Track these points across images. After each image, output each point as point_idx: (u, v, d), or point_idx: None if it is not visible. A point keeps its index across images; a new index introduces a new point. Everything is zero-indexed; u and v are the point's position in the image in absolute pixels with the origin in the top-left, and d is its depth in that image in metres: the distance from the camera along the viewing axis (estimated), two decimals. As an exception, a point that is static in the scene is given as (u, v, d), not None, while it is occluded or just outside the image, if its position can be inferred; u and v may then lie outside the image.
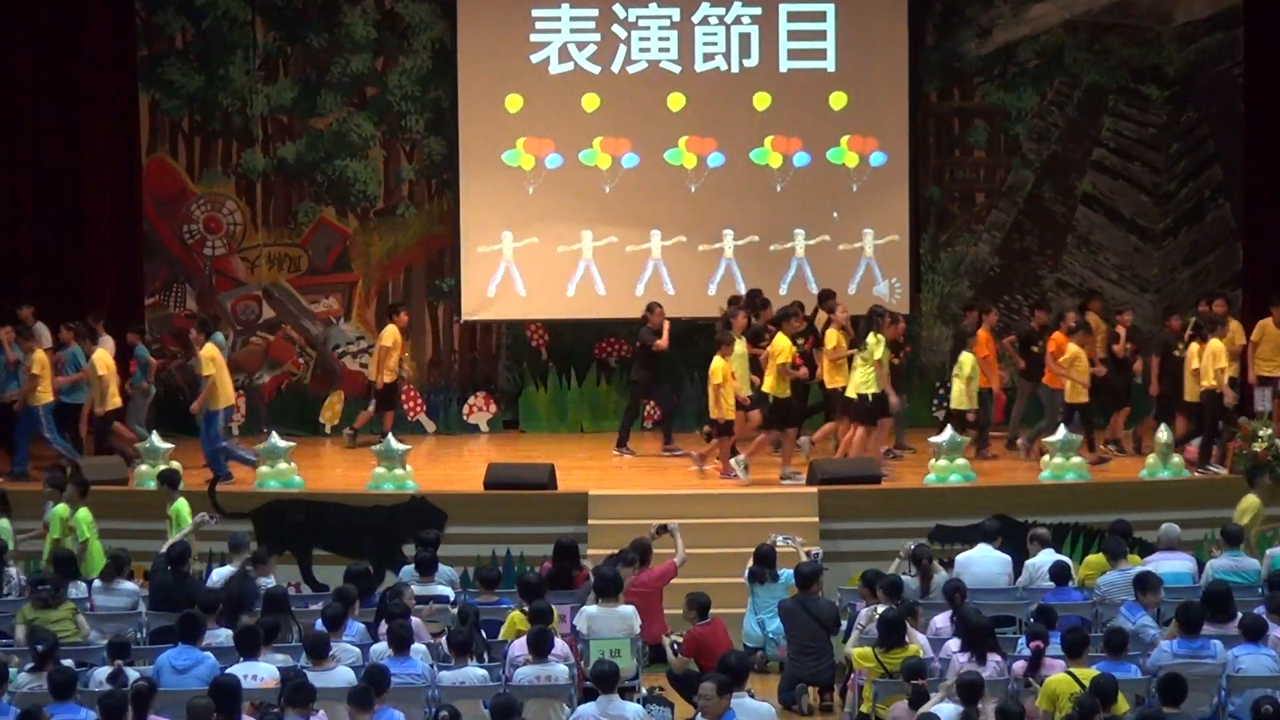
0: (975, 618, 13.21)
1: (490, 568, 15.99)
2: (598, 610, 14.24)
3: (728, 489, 18.49)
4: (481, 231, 22.18)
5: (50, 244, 22.43)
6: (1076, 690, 11.96)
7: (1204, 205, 22.77)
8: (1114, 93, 22.62)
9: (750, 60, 22.07)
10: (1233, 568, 15.28)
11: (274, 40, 22.32)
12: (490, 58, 22.02)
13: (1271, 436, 18.09)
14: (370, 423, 21.14)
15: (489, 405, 22.60)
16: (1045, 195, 22.72)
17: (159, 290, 22.47)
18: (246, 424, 22.25)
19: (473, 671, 12.89)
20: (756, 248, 22.25)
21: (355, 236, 22.57)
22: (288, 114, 22.38)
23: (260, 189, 22.50)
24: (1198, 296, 22.04)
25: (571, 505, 17.79)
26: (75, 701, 11.85)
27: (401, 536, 17.51)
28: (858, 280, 22.26)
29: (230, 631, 13.47)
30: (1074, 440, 18.50)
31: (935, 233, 22.73)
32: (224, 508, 17.55)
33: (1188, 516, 17.16)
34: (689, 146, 22.17)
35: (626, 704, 12.18)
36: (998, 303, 22.49)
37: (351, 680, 12.26)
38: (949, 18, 22.52)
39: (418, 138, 22.47)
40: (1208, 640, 12.99)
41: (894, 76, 22.11)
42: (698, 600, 14.62)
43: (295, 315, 22.63)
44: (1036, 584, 15.15)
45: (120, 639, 13.05)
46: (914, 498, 18.03)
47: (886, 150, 22.19)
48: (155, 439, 18.73)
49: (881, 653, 13.19)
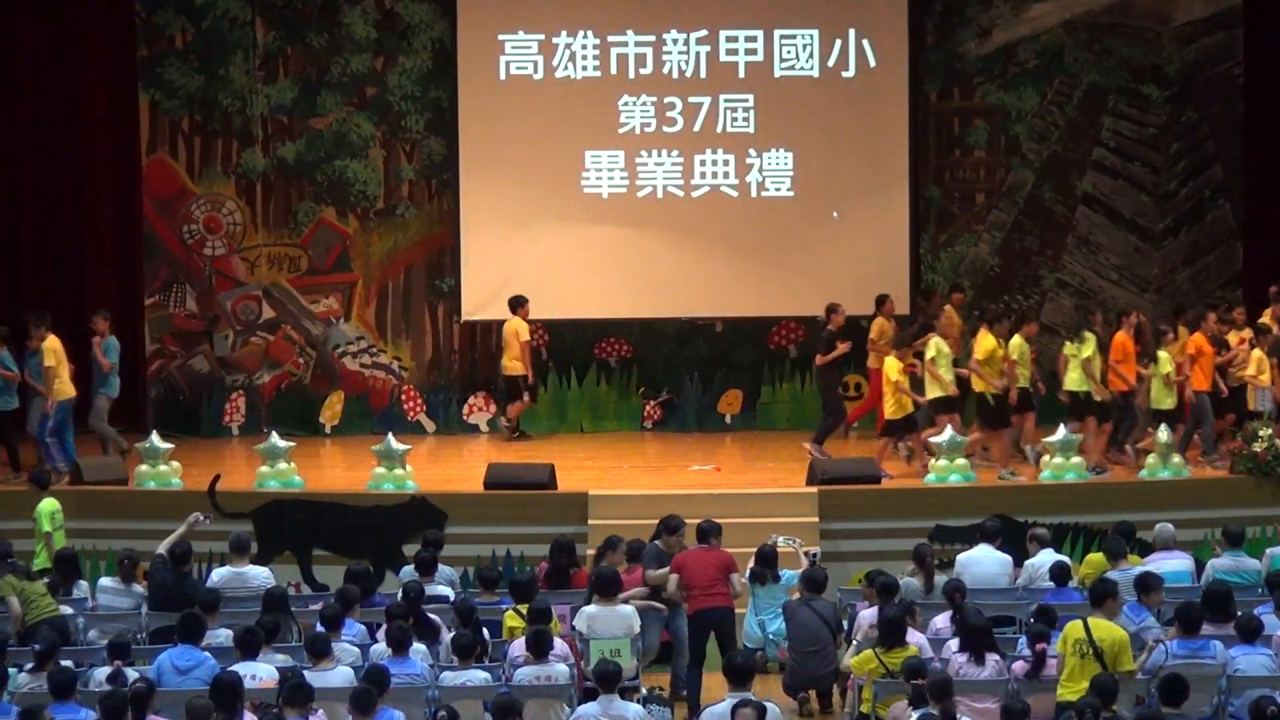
0: (975, 618, 13.23)
1: (490, 568, 16.00)
2: (598, 610, 14.25)
3: (727, 489, 18.49)
4: (481, 231, 22.19)
5: (50, 244, 22.45)
6: (1082, 636, 12.32)
7: (1204, 205, 22.77)
8: (1114, 93, 22.62)
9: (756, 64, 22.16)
10: (1234, 568, 15.30)
11: (274, 40, 22.33)
12: (490, 58, 22.04)
13: (1271, 436, 18.09)
14: (511, 410, 21.38)
15: (489, 405, 22.61)
16: (1045, 195, 22.72)
17: (159, 290, 22.46)
18: (246, 424, 22.25)
19: (475, 673, 12.89)
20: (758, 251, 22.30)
21: (355, 236, 22.57)
22: (288, 114, 22.39)
23: (260, 189, 22.50)
24: (1198, 296, 22.09)
25: (571, 505, 17.79)
26: (75, 701, 11.86)
27: (401, 536, 17.52)
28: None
29: (230, 632, 13.49)
30: (1074, 440, 18.50)
31: (935, 233, 22.74)
32: (224, 508, 17.58)
33: (1187, 516, 17.19)
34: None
35: (627, 704, 12.21)
36: (998, 303, 22.52)
37: (351, 680, 12.27)
38: (949, 18, 22.52)
39: (418, 138, 22.47)
40: (1208, 640, 12.99)
41: (894, 77, 22.13)
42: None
43: (295, 315, 22.63)
44: (1036, 584, 15.16)
45: (120, 640, 13.05)
46: (914, 498, 18.02)
47: (886, 150, 22.20)
48: (155, 439, 18.72)
49: (883, 652, 13.20)
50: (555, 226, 22.27)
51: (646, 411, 22.58)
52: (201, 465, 19.09)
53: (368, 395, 22.63)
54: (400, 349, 22.65)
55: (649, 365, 22.68)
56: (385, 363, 22.65)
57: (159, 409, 22.23)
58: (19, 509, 17.36)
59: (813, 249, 22.33)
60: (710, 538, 15.16)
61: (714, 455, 20.60)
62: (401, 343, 22.65)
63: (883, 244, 22.29)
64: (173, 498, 17.93)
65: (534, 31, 22.17)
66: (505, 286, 22.09)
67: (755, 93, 22.21)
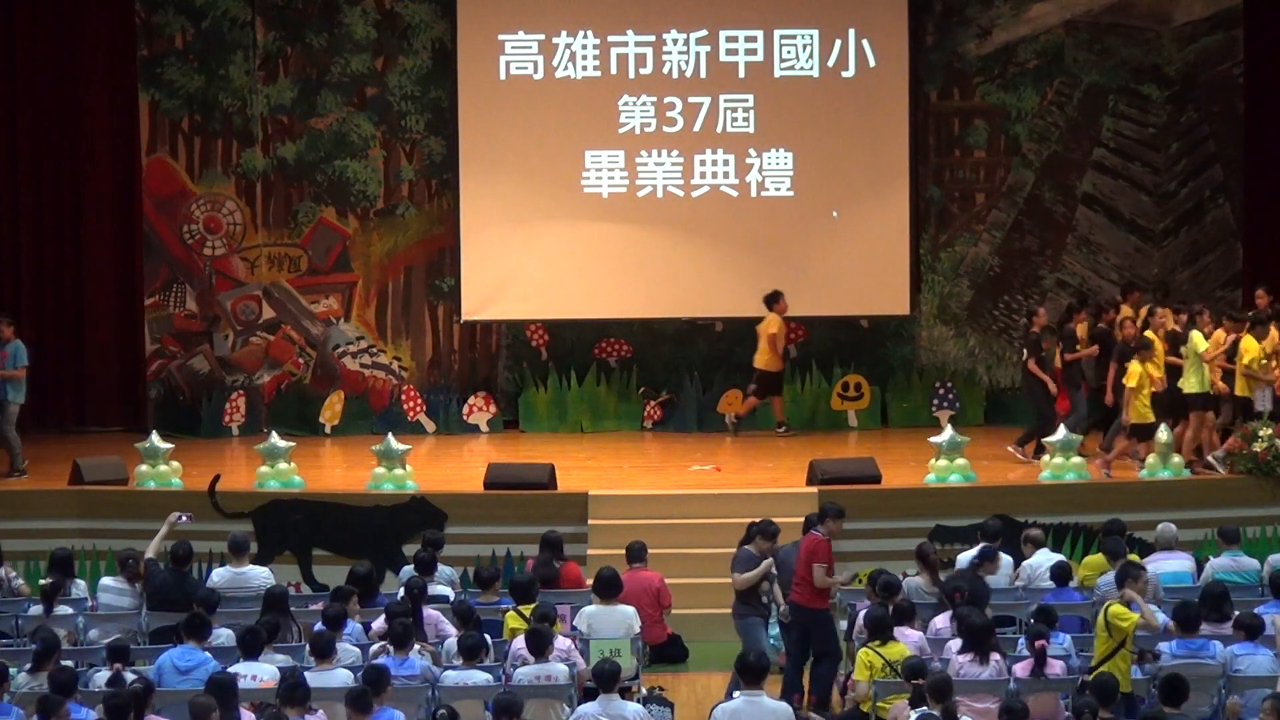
0: (976, 618, 13.22)
1: (490, 568, 15.99)
2: (597, 610, 14.26)
3: (727, 489, 18.48)
4: (482, 231, 22.19)
5: (50, 244, 22.45)
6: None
7: (1204, 205, 22.77)
8: (1114, 93, 22.62)
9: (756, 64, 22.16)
10: (1233, 567, 15.29)
11: (274, 40, 22.33)
12: (490, 58, 22.04)
13: (1271, 436, 18.08)
14: (752, 409, 21.41)
15: (489, 405, 22.60)
16: (1045, 195, 22.72)
17: (159, 290, 22.46)
18: (247, 424, 22.25)
19: (475, 673, 12.89)
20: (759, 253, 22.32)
21: (355, 236, 22.57)
22: (288, 114, 22.39)
23: (260, 189, 22.51)
24: (1198, 296, 22.08)
25: (571, 505, 17.79)
26: (75, 702, 11.84)
27: (401, 536, 17.52)
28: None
29: (230, 632, 13.48)
30: (1074, 440, 18.49)
31: (935, 233, 22.73)
32: (224, 508, 17.58)
33: (1187, 516, 17.18)
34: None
35: (627, 703, 12.21)
36: (998, 303, 22.54)
37: (350, 681, 12.26)
38: (949, 18, 22.52)
39: (418, 138, 22.47)
40: (1207, 640, 12.99)
41: (894, 76, 22.13)
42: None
43: (295, 315, 22.63)
44: (1034, 584, 15.15)
45: (120, 643, 13.01)
46: (914, 498, 18.02)
47: (886, 150, 22.21)
48: (155, 439, 18.72)
49: (878, 645, 13.21)
50: (555, 226, 22.27)
51: (646, 411, 22.58)
52: (201, 465, 19.08)
53: (368, 395, 22.63)
54: (400, 349, 22.65)
55: (649, 365, 22.68)
56: (385, 363, 22.66)
57: (159, 409, 22.23)
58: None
59: (813, 249, 22.32)
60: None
61: (714, 455, 20.59)
62: (401, 343, 22.66)
63: (883, 244, 22.29)
64: (173, 498, 17.91)
65: (534, 31, 22.16)
66: (505, 286, 22.11)
67: (755, 93, 22.20)
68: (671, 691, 14.66)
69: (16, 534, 16.91)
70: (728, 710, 12.02)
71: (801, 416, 22.31)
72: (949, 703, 11.77)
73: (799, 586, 14.61)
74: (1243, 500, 17.89)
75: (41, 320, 22.27)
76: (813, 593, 14.58)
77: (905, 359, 22.69)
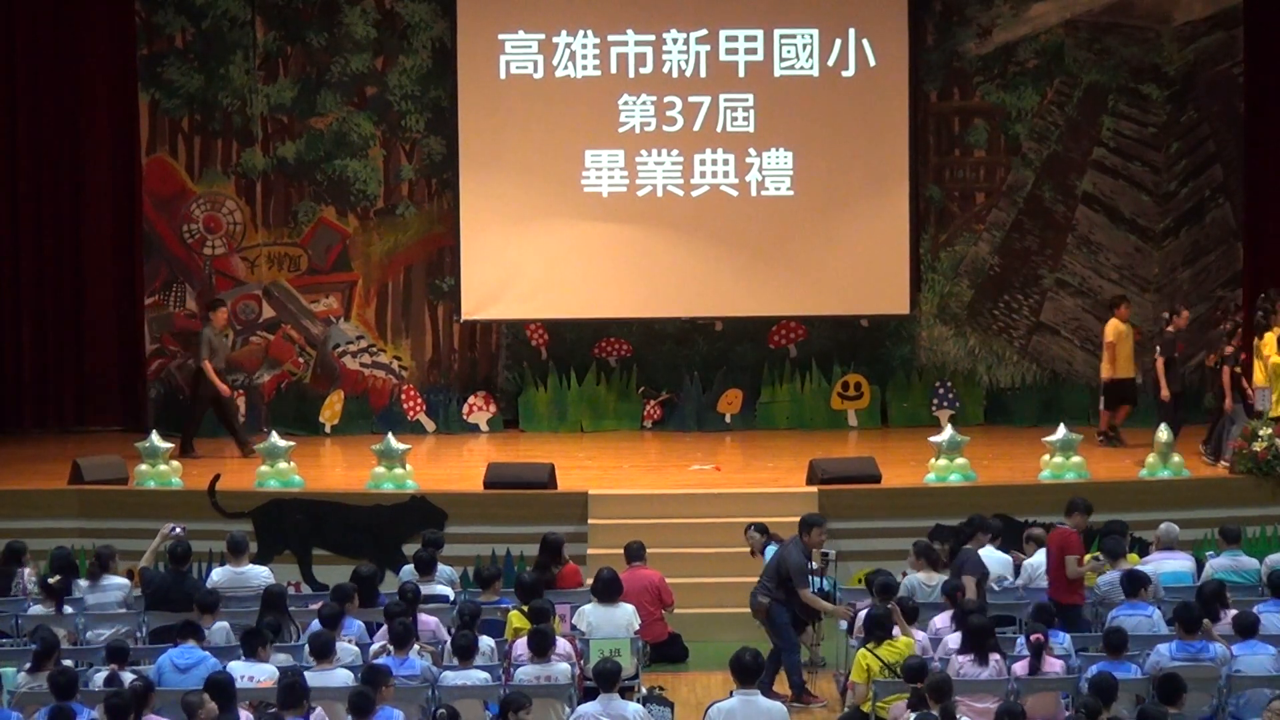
0: (976, 617, 13.22)
1: (490, 567, 16.00)
2: (597, 609, 14.26)
3: (727, 489, 18.48)
4: (481, 231, 22.20)
5: (50, 243, 22.45)
6: None
7: (1204, 205, 22.76)
8: (1114, 92, 22.61)
9: (756, 64, 22.16)
10: (1232, 567, 15.29)
11: (274, 40, 22.33)
12: (490, 57, 22.04)
13: (1271, 436, 18.08)
14: (1112, 419, 20.62)
15: (489, 405, 22.61)
16: (1045, 195, 22.71)
17: (159, 290, 22.46)
18: (247, 424, 22.22)
19: (475, 673, 12.89)
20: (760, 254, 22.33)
21: (355, 236, 22.57)
22: (287, 114, 22.39)
23: (260, 189, 22.51)
24: (1198, 296, 22.09)
25: (571, 505, 17.80)
26: (75, 702, 11.84)
27: (401, 536, 17.53)
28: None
29: (226, 624, 13.51)
30: (1073, 440, 18.49)
31: (935, 233, 22.73)
32: (224, 507, 17.58)
33: (1187, 516, 17.17)
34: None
35: (627, 703, 12.21)
36: (998, 302, 22.53)
37: (350, 680, 12.26)
38: (949, 17, 22.52)
39: (418, 137, 22.47)
40: (1207, 642, 12.98)
41: (894, 76, 22.14)
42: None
43: (295, 315, 22.63)
44: (1035, 584, 15.15)
45: (119, 644, 13.01)
46: (914, 497, 18.03)
47: (886, 150, 22.21)
48: (155, 438, 18.73)
49: (874, 647, 13.21)
50: (555, 226, 22.27)
51: (646, 411, 22.58)
52: (201, 465, 19.09)
53: (367, 395, 22.63)
54: (400, 348, 22.65)
55: (649, 365, 22.68)
56: (385, 362, 22.66)
57: (159, 409, 22.23)
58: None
59: (813, 249, 22.32)
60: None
61: (714, 455, 20.60)
62: (401, 342, 22.66)
63: (883, 243, 22.28)
64: (173, 497, 17.95)
65: (534, 31, 22.16)
66: (505, 286, 22.11)
67: (755, 92, 22.20)
68: (671, 691, 14.67)
69: (16, 534, 16.88)
70: (723, 709, 12.02)
71: (801, 416, 22.32)
72: (948, 703, 11.78)
73: (1054, 584, 14.51)
74: (1243, 500, 17.89)
75: (41, 320, 22.29)
76: (1068, 587, 14.49)
77: (905, 358, 22.70)
